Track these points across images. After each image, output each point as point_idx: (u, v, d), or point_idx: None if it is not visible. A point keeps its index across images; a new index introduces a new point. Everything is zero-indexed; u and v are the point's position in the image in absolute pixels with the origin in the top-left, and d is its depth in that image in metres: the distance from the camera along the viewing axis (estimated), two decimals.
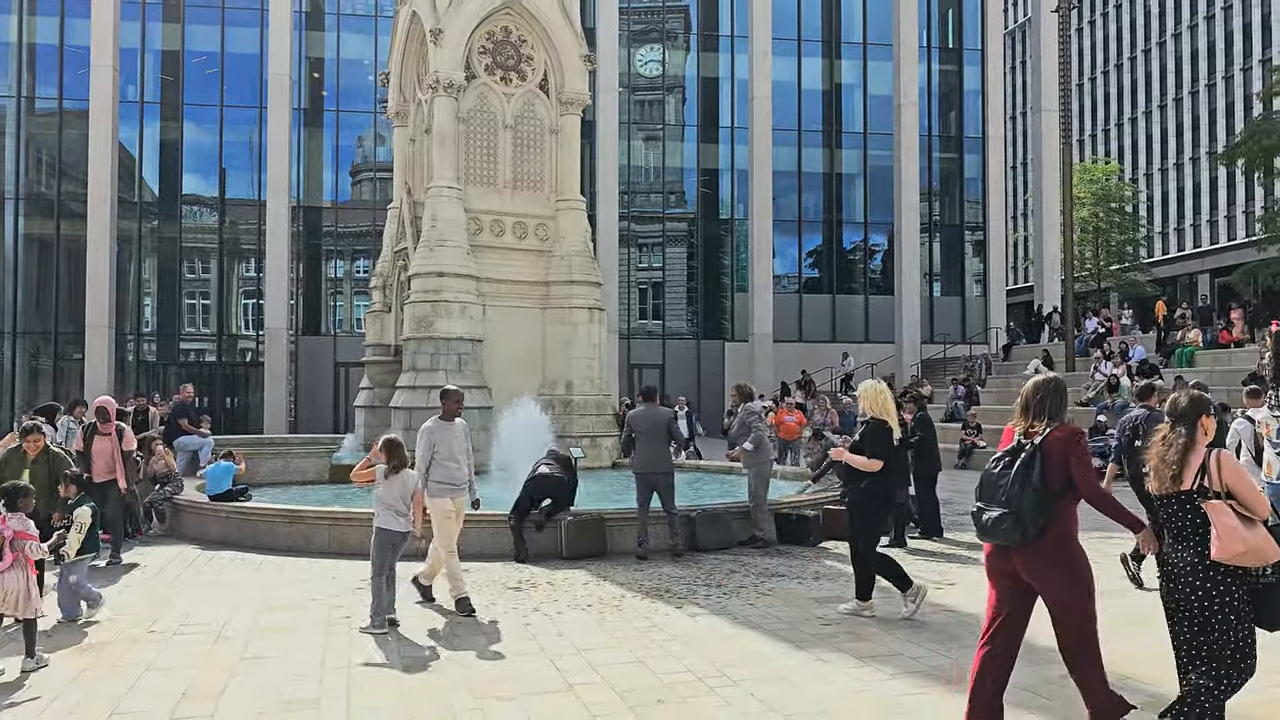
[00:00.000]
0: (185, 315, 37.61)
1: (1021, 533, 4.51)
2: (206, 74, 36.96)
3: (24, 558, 6.32)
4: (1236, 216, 53.05)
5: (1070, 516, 4.70)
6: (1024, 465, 4.57)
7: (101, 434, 10.37)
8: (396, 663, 6.36)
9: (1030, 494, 4.50)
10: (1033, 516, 4.49)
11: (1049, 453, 4.58)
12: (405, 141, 19.71)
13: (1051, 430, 4.66)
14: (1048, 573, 4.63)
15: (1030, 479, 4.52)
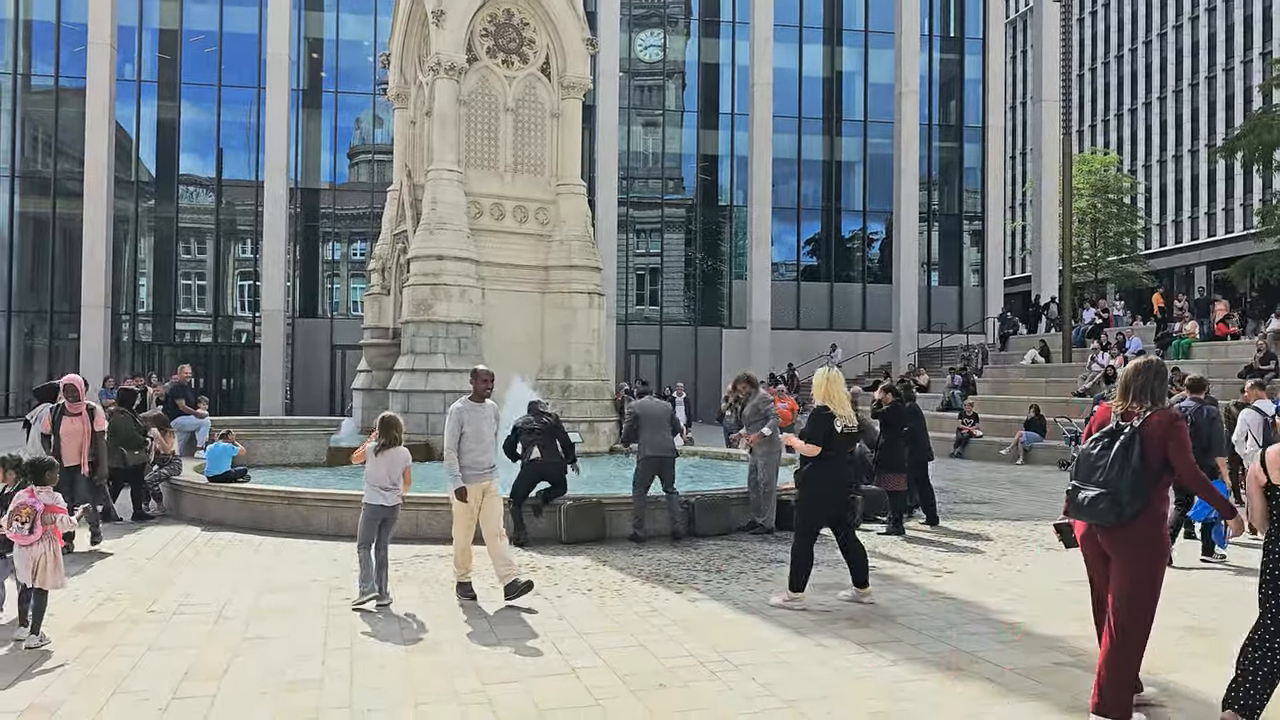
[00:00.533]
0: (181, 296, 37.51)
1: (1118, 513, 4.63)
2: (205, 53, 36.77)
3: (53, 530, 6.41)
4: (1234, 209, 53.07)
5: (1163, 499, 4.81)
6: (1123, 447, 4.66)
7: (70, 415, 10.00)
8: (399, 644, 6.38)
9: (1129, 475, 4.61)
10: (1130, 498, 4.61)
11: (1149, 435, 4.68)
12: (405, 124, 19.63)
13: (1152, 413, 4.75)
14: (1133, 552, 4.73)
15: (1130, 461, 4.62)
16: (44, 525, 6.36)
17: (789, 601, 7.35)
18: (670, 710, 5.11)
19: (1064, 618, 7.13)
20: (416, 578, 8.47)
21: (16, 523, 6.30)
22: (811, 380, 8.06)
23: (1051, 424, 21.44)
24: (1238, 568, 9.25)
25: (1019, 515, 12.92)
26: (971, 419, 23.39)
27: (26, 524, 6.30)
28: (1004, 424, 23.15)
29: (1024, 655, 6.11)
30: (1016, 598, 7.79)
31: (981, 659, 6.02)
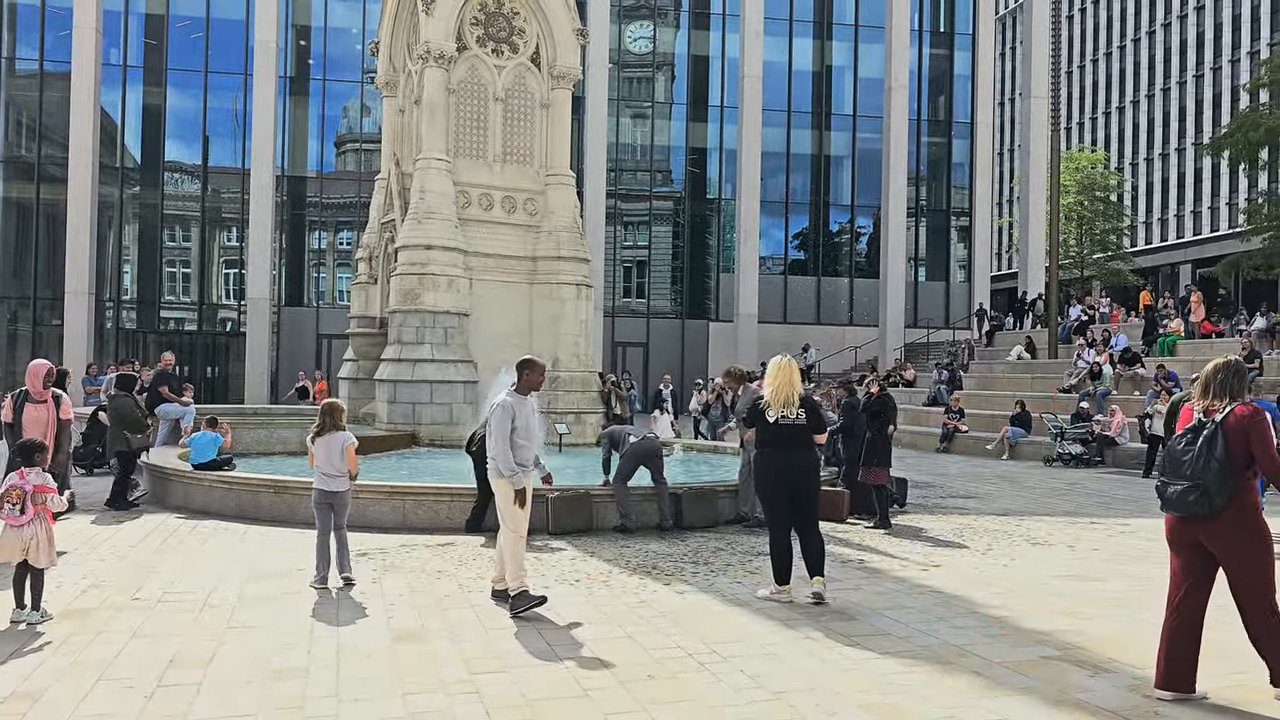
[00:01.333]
0: (166, 283, 37.29)
1: (1208, 505, 4.89)
2: (191, 38, 36.50)
3: (44, 510, 6.55)
4: (1220, 208, 53.35)
5: (1251, 489, 5.01)
6: (1207, 441, 4.93)
7: (35, 401, 9.68)
8: (386, 634, 6.34)
9: (1215, 468, 4.87)
10: (1218, 489, 4.87)
11: (1230, 430, 4.92)
12: (394, 112, 19.53)
13: (1233, 409, 4.99)
14: (1232, 542, 4.98)
15: (1214, 454, 4.89)
16: (35, 505, 6.47)
17: (776, 594, 7.33)
18: (659, 702, 5.10)
19: (1051, 612, 7.15)
20: (403, 567, 8.42)
21: (8, 504, 6.39)
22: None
23: (1037, 419, 21.51)
24: None
25: (1005, 510, 12.96)
26: (957, 414, 23.45)
27: (17, 505, 6.41)
28: (989, 419, 23.23)
29: (1011, 649, 6.12)
30: (1004, 592, 7.81)
31: (969, 652, 6.02)
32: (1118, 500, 14.46)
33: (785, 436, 7.33)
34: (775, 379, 7.44)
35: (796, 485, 7.34)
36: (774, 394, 7.38)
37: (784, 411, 7.33)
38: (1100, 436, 19.81)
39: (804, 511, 7.39)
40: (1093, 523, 12.00)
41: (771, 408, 7.35)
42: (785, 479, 7.34)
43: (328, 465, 7.81)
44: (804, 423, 7.37)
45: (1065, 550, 9.87)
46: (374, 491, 10.75)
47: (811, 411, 7.44)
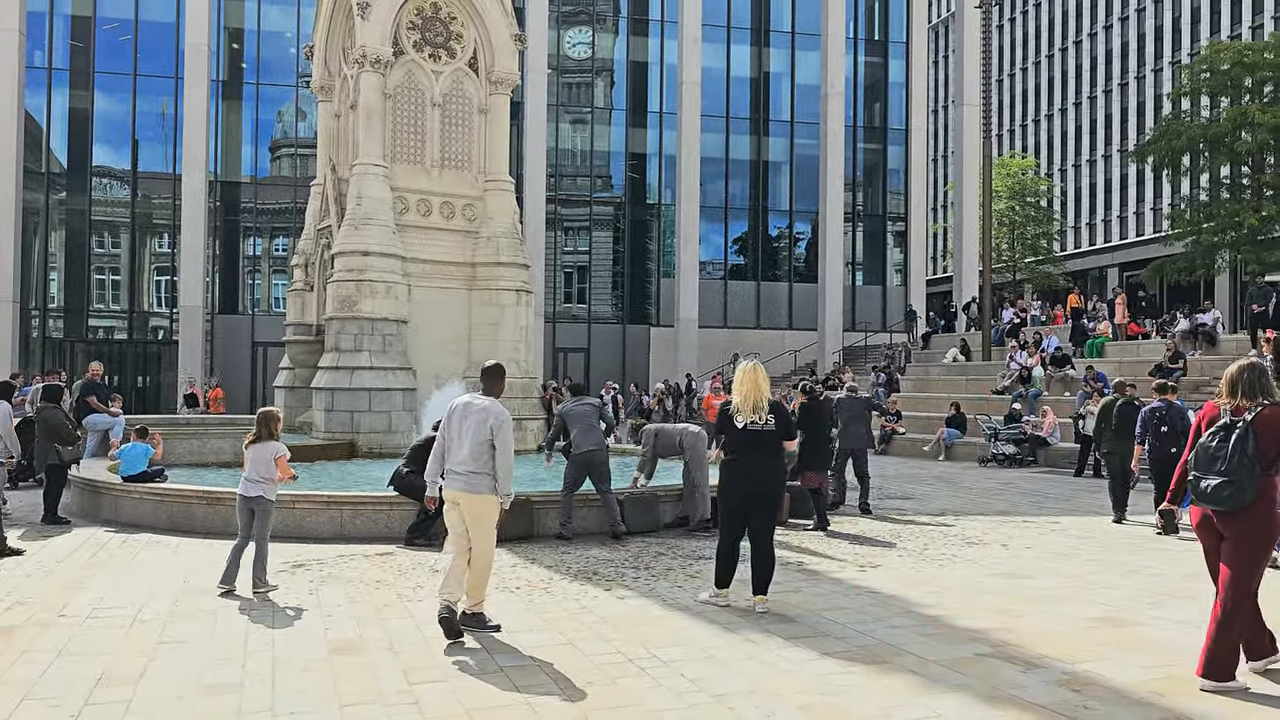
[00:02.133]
0: (94, 291, 36.34)
1: (1240, 499, 5.25)
2: (119, 40, 35.67)
3: None
4: (1145, 213, 54.83)
5: (1274, 485, 5.35)
6: (1239, 439, 5.27)
7: None
8: (323, 646, 6.26)
9: (1246, 464, 5.22)
10: (1250, 484, 5.23)
11: (1261, 428, 5.27)
12: (330, 117, 19.30)
13: (1262, 408, 5.32)
14: (1248, 531, 5.33)
15: (1246, 451, 5.24)
16: None
17: (714, 597, 7.34)
18: (600, 708, 5.10)
19: (986, 610, 7.29)
20: (341, 578, 8.31)
21: None
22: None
23: (972, 421, 21.91)
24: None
25: (941, 510, 13.17)
26: (894, 416, 23.79)
27: None
28: (926, 421, 23.61)
29: (947, 647, 6.23)
30: (939, 591, 7.94)
31: (906, 652, 6.11)
32: (1050, 499, 14.78)
33: (754, 443, 7.23)
34: (743, 384, 7.34)
35: (760, 490, 7.23)
36: (743, 400, 7.27)
37: (753, 417, 7.23)
38: (1033, 437, 20.23)
39: (763, 519, 7.27)
40: (1025, 521, 12.25)
41: (740, 414, 7.26)
42: (752, 484, 7.23)
43: (253, 472, 7.85)
44: (774, 429, 7.27)
45: (999, 549, 10.06)
46: (311, 501, 10.61)
47: (780, 417, 7.35)
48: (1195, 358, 21.66)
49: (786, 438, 7.42)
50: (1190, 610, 7.28)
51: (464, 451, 6.61)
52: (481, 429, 6.60)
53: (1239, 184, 32.49)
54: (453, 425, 6.74)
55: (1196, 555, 9.63)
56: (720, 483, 7.51)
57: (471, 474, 6.57)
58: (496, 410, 6.73)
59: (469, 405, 6.79)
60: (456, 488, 6.63)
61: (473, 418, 6.67)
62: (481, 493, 6.56)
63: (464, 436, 6.63)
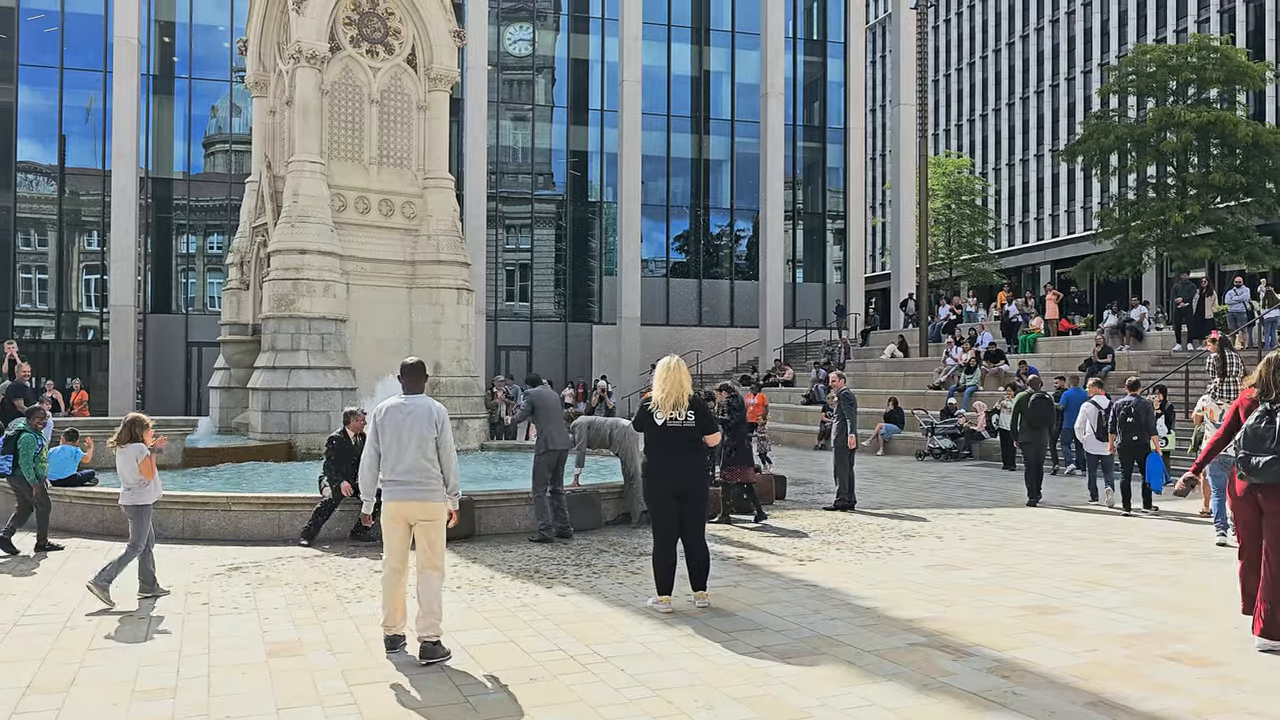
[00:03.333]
0: (20, 290, 35.36)
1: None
2: (45, 33, 34.73)
3: None
4: (1076, 212, 56.10)
5: None
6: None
7: None
8: (261, 648, 6.19)
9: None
10: None
11: None
12: (265, 113, 19.01)
13: None
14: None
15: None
16: None
17: (657, 604, 7.15)
18: (540, 704, 5.12)
19: (920, 600, 7.44)
20: (279, 580, 8.23)
21: None
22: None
23: (910, 416, 22.25)
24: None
25: (879, 504, 13.38)
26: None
27: None
28: (865, 416, 23.83)
29: (881, 638, 6.35)
30: (875, 583, 8.08)
31: (841, 643, 6.23)
32: (984, 491, 15.09)
33: (674, 439, 7.16)
34: (665, 381, 7.24)
35: (685, 486, 7.15)
36: (664, 396, 7.19)
37: (673, 414, 7.16)
38: (968, 431, 20.63)
39: (692, 515, 7.19)
40: (960, 513, 12.50)
41: (661, 410, 7.19)
42: (674, 480, 7.14)
43: (127, 477, 7.75)
44: (693, 424, 7.19)
45: (934, 541, 10.26)
46: (247, 503, 10.49)
47: (701, 413, 7.26)
48: (1123, 352, 22.24)
49: (706, 432, 7.28)
50: (1115, 598, 7.51)
51: (409, 458, 6.12)
52: (426, 430, 6.17)
53: (1164, 183, 33.38)
54: (388, 431, 6.19)
55: (1119, 545, 9.98)
56: (644, 481, 7.47)
57: (422, 480, 6.13)
58: (437, 408, 6.33)
59: (402, 407, 6.26)
60: (404, 497, 6.12)
61: (413, 420, 6.18)
62: (433, 499, 6.18)
63: (406, 441, 6.13)
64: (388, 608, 6.13)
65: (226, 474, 13.93)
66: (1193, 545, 10.09)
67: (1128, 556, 9.37)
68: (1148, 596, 7.58)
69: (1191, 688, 5.34)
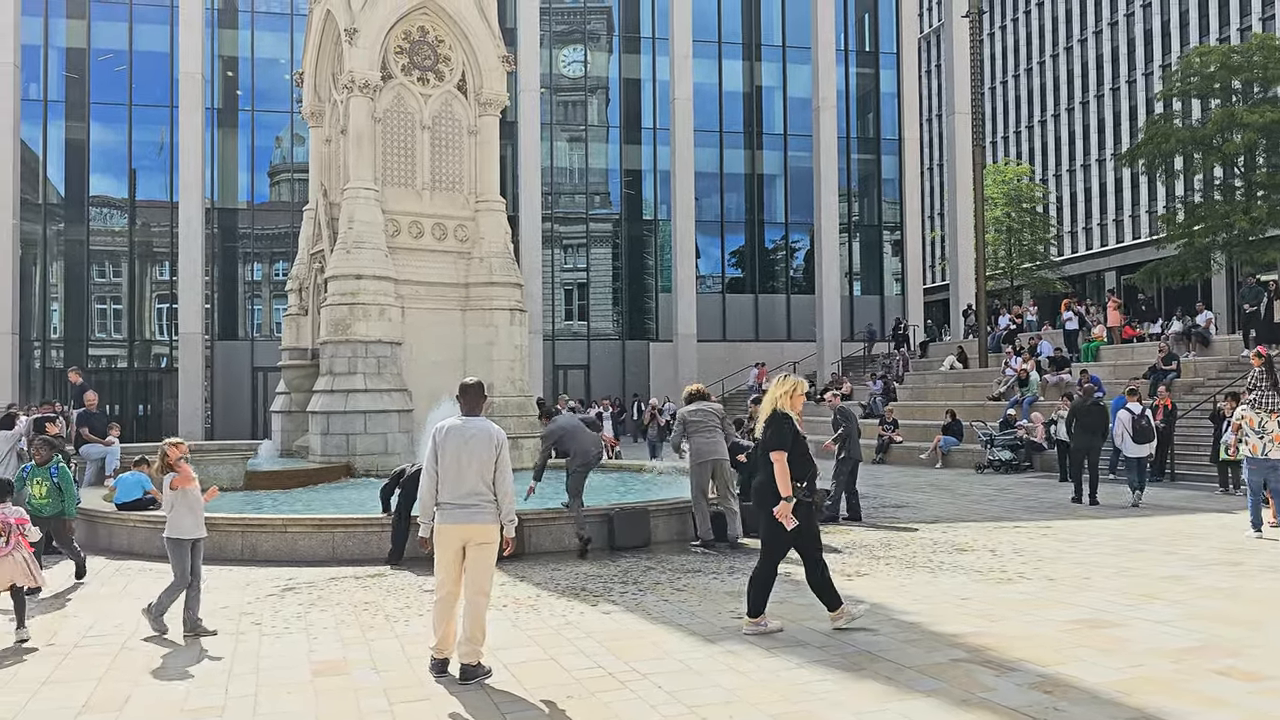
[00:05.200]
0: (95, 320, 36.54)
1: None
2: (115, 71, 35.98)
3: (21, 539, 7.30)
4: (1140, 216, 54.93)
5: None
6: None
7: None
8: (307, 668, 6.32)
9: None
10: None
11: None
12: (321, 142, 19.45)
13: None
14: None
15: None
16: (19, 535, 7.25)
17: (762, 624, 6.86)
18: None
19: (967, 615, 7.34)
20: (330, 600, 8.38)
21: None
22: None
23: (968, 428, 21.93)
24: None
25: (935, 518, 13.21)
26: (891, 425, 23.82)
27: (2, 537, 7.17)
28: (923, 429, 23.63)
29: (923, 653, 6.28)
30: (922, 598, 7.99)
31: (881, 658, 6.17)
32: (1044, 503, 14.81)
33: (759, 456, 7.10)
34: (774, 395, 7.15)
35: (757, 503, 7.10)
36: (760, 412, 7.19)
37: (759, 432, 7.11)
38: (1029, 442, 20.26)
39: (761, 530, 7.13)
40: (1016, 526, 12.29)
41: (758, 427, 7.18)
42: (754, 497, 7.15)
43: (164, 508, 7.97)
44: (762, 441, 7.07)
45: (988, 555, 10.10)
46: (303, 525, 10.70)
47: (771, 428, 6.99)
48: (1189, 359, 21.70)
49: (774, 448, 6.96)
50: (1168, 611, 7.33)
51: (470, 481, 6.08)
52: (486, 454, 6.11)
53: (1230, 185, 32.55)
54: (448, 453, 6.12)
55: (1180, 557, 9.74)
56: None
57: (480, 504, 6.09)
58: (497, 432, 6.27)
59: (463, 430, 6.20)
60: (462, 520, 6.06)
61: (475, 443, 6.12)
62: (491, 522, 6.12)
63: (467, 464, 6.08)
64: (440, 632, 6.16)
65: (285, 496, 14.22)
66: (1255, 557, 9.80)
67: (1186, 568, 9.14)
68: (1203, 610, 7.39)
69: (1241, 702, 5.20)
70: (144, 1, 35.75)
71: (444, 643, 6.15)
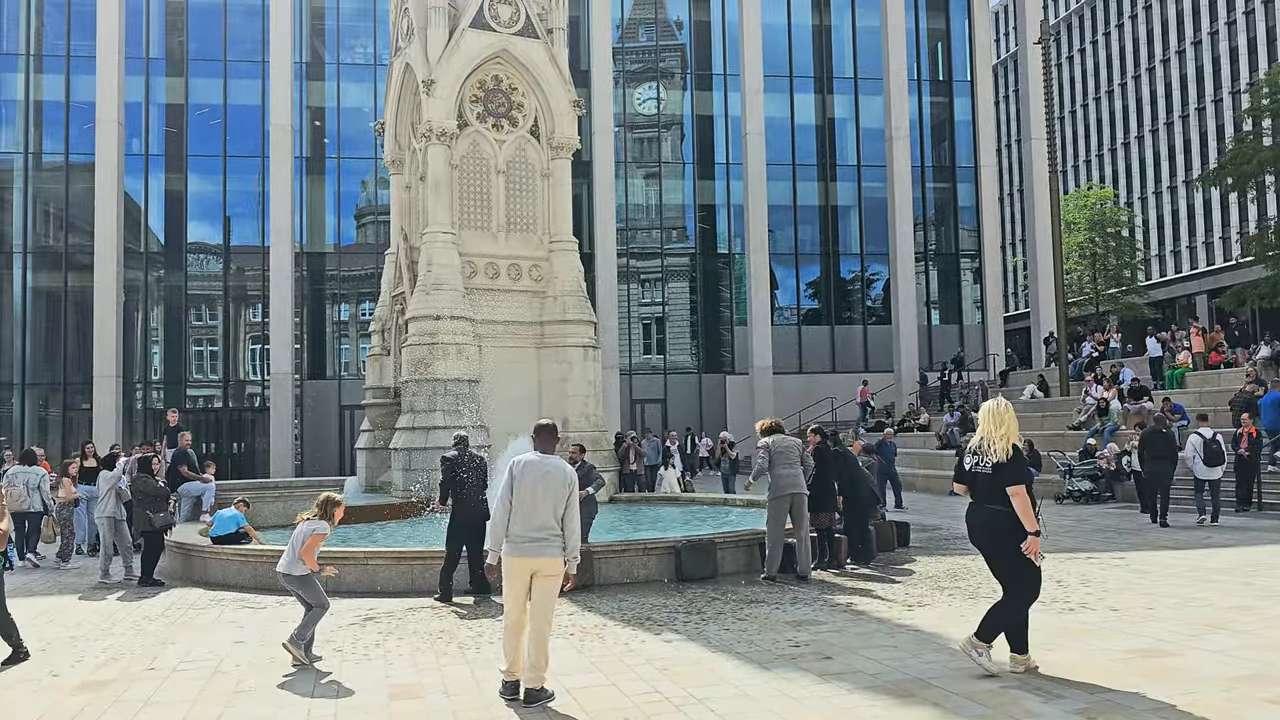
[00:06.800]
0: (193, 362, 38.15)
1: None
2: (210, 125, 37.75)
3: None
4: (1231, 238, 53.41)
5: None
6: None
7: None
8: (384, 691, 6.71)
9: None
10: None
11: None
12: (401, 188, 20.27)
13: None
14: None
15: None
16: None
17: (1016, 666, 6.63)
18: None
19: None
20: (408, 629, 8.79)
21: None
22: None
23: (1046, 458, 21.63)
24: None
25: None
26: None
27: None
28: None
29: (974, 680, 6.40)
30: None
31: (931, 685, 6.32)
32: (1122, 534, 14.61)
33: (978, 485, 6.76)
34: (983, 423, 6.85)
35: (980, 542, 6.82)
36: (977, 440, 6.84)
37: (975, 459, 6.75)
38: (1110, 472, 19.93)
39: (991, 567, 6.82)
40: (1089, 558, 12.19)
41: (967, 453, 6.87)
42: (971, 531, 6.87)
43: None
44: (989, 472, 6.63)
45: (1053, 586, 10.06)
46: (383, 558, 11.19)
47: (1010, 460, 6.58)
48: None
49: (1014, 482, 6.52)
50: (1230, 641, 7.30)
51: (543, 514, 6.35)
52: (560, 489, 6.42)
53: None
54: (524, 487, 6.39)
55: (1255, 589, 9.60)
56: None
57: (549, 539, 6.36)
58: (570, 471, 6.59)
59: (539, 465, 6.50)
60: (531, 554, 6.33)
61: (550, 480, 6.42)
62: (557, 556, 6.39)
63: (543, 499, 6.36)
64: (509, 656, 6.46)
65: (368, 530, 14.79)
66: None
67: (1257, 599, 9.03)
68: (1267, 640, 7.34)
69: None
70: (237, 58, 37.52)
71: (514, 666, 6.45)
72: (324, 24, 39.08)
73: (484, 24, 18.80)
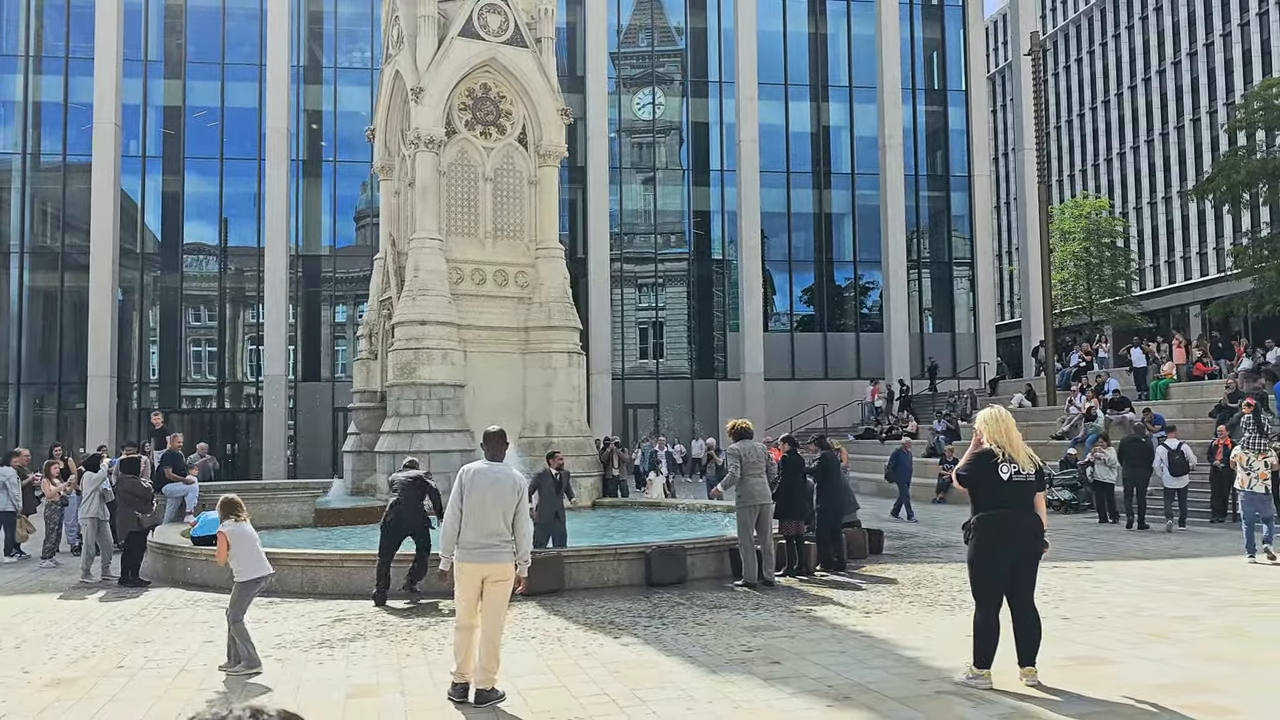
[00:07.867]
0: (190, 363, 38.36)
1: None
2: (208, 127, 37.99)
3: None
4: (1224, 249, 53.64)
5: None
6: None
7: None
8: (343, 690, 6.90)
9: None
10: None
11: None
12: (390, 194, 20.47)
13: None
14: None
15: None
16: None
17: (973, 679, 6.64)
18: None
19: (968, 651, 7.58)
20: (375, 630, 8.98)
21: None
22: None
23: None
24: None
25: None
26: (952, 464, 23.76)
27: None
28: None
29: (910, 685, 6.60)
30: (931, 636, 8.26)
31: (869, 689, 6.51)
32: (1094, 544, 14.80)
33: (1016, 495, 6.62)
34: (996, 430, 6.68)
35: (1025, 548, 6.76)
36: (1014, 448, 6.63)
37: (1017, 467, 6.59)
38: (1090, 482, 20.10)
39: (1028, 579, 6.83)
40: (1055, 567, 12.34)
41: (1004, 461, 6.58)
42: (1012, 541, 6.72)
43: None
44: (1033, 480, 6.65)
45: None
46: (359, 560, 11.38)
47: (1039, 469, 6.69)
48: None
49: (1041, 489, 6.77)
50: (1169, 650, 7.50)
51: (493, 522, 6.53)
52: (510, 496, 6.59)
53: None
54: (474, 495, 6.57)
55: (1206, 599, 9.80)
56: (980, 543, 6.84)
57: (499, 545, 6.55)
58: (520, 479, 6.80)
59: (489, 473, 6.69)
60: (482, 560, 6.52)
61: (500, 488, 6.59)
62: (508, 562, 6.58)
63: (492, 507, 6.55)
64: (460, 658, 6.67)
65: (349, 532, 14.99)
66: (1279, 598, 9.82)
67: (1206, 609, 9.23)
68: (1205, 649, 7.55)
69: None
70: (234, 61, 37.77)
71: (463, 668, 6.66)
72: (322, 28, 39.34)
73: (473, 33, 19.01)
